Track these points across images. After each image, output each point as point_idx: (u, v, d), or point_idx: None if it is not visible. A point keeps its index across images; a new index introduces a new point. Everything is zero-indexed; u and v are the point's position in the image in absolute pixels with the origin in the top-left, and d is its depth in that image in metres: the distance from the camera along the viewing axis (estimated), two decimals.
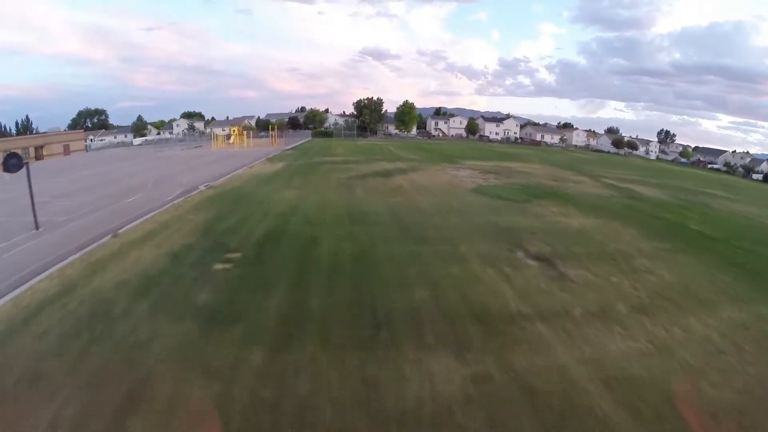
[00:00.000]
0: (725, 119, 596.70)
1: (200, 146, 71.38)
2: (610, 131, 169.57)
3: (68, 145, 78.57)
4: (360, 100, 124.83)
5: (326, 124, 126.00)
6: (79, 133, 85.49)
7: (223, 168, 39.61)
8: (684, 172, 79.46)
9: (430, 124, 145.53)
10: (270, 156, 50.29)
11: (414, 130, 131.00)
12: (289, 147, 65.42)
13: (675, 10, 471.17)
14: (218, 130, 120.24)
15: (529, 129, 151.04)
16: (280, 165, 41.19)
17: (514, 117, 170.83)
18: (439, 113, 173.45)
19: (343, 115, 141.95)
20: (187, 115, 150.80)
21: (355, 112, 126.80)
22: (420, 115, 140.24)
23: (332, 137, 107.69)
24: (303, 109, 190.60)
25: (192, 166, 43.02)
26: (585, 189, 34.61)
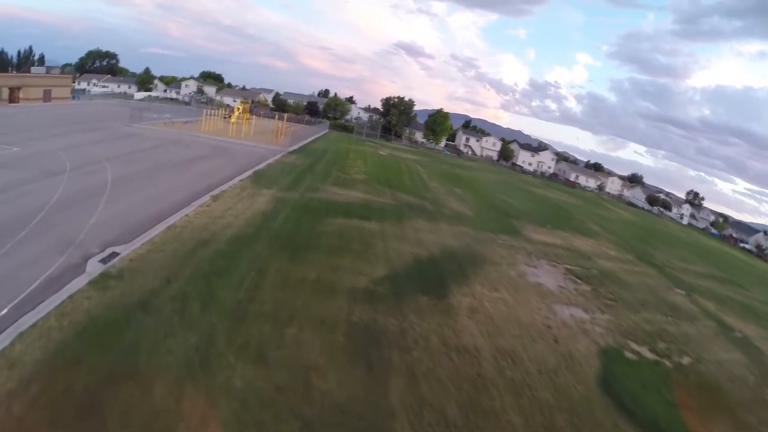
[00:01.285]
0: (742, 184, 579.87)
1: (189, 121, 55.16)
2: (635, 179, 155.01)
3: (50, 90, 63.06)
4: (390, 97, 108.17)
5: (347, 116, 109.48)
6: (65, 78, 69.23)
7: (178, 188, 24.26)
8: (736, 261, 65.51)
9: (460, 138, 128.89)
10: (261, 167, 34.45)
11: (442, 142, 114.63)
12: (295, 146, 49.29)
13: (713, 65, 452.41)
14: (228, 100, 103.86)
15: (563, 165, 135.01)
16: (264, 199, 25.36)
17: (549, 148, 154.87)
18: (468, 126, 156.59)
19: (368, 109, 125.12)
20: (205, 76, 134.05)
21: (382, 110, 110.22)
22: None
23: (352, 134, 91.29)
24: (327, 92, 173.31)
25: (143, 169, 27.54)
26: (730, 367, 19.92)
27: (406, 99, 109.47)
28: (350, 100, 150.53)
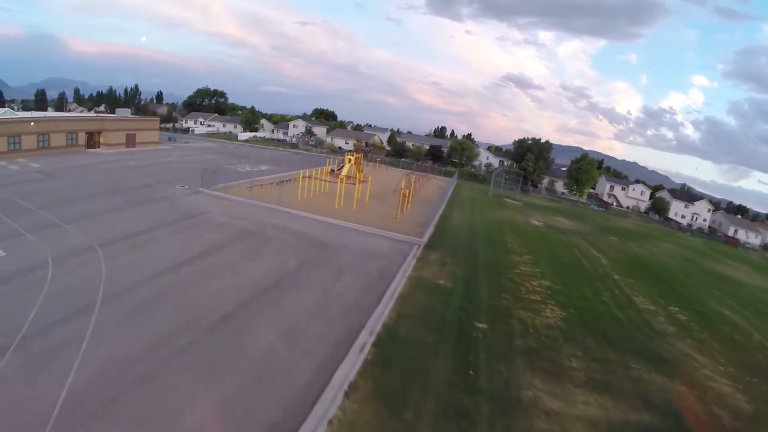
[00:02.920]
0: None
1: (283, 182, 40.73)
2: None
3: (134, 134, 53.28)
4: (523, 139, 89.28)
5: (475, 162, 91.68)
6: (151, 121, 59.80)
7: None
8: None
9: (603, 186, 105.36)
10: (384, 313, 17.51)
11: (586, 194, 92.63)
12: (430, 228, 32.15)
13: None
14: (339, 141, 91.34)
15: (719, 217, 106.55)
16: None
17: (705, 197, 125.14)
18: (609, 171, 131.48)
19: (496, 151, 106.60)
20: (318, 113, 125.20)
21: (513, 151, 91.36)
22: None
23: (484, 184, 73.33)
24: (443, 130, 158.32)
25: (145, 351, 12.29)
26: None
27: (543, 140, 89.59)
28: (469, 137, 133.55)
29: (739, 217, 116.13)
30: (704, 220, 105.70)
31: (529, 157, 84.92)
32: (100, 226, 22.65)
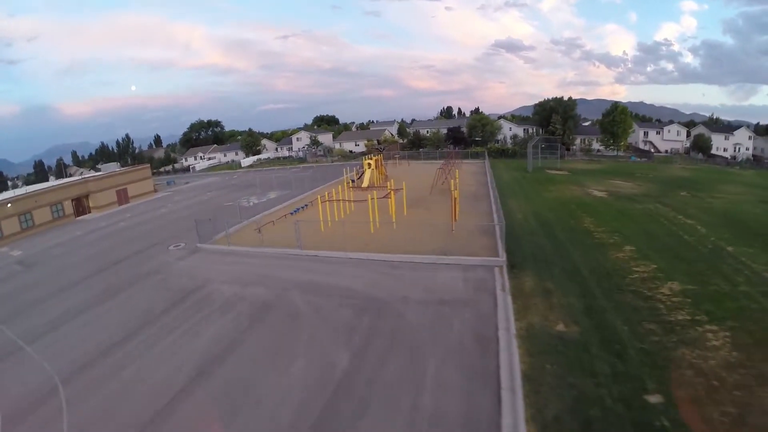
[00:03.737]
0: None
1: (299, 210, 33.80)
2: None
3: (124, 189, 46.93)
4: (545, 100, 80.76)
5: (499, 136, 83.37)
6: (141, 170, 53.03)
7: None
8: None
9: (637, 134, 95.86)
10: None
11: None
12: (499, 234, 24.39)
13: None
14: (349, 145, 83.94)
15: (760, 142, 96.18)
16: None
17: (744, 125, 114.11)
18: (643, 119, 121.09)
19: (513, 119, 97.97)
20: (320, 121, 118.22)
21: (536, 116, 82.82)
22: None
23: (517, 158, 65.22)
24: (449, 110, 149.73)
25: None
26: None
27: (566, 98, 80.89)
28: (477, 111, 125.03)
29: None
30: (747, 148, 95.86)
31: (556, 119, 76.27)
32: (69, 340, 16.02)
